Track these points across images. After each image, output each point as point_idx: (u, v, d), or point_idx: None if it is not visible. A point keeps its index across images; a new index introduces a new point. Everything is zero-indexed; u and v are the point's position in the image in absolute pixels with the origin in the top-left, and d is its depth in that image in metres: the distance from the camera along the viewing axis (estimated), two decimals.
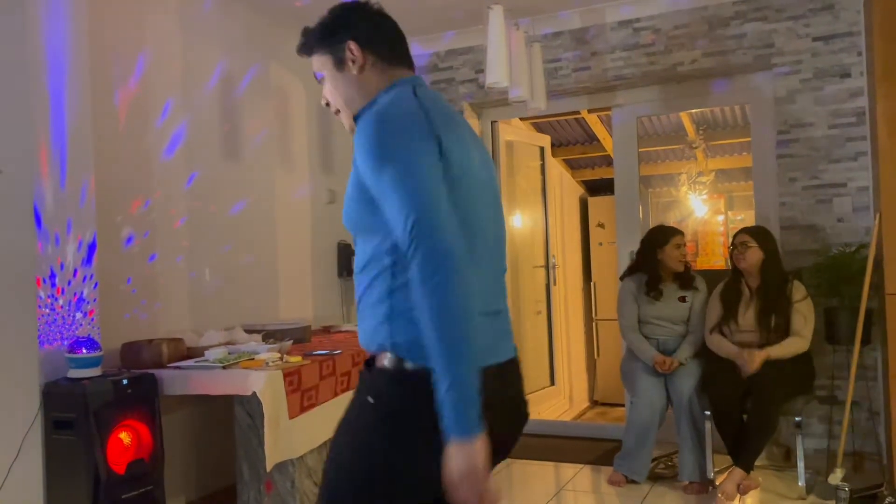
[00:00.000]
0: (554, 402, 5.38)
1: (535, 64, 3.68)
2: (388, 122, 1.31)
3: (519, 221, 5.09)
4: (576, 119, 5.98)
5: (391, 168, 1.26)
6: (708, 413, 3.37)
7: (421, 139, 1.29)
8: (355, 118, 1.47)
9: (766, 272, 3.46)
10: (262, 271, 3.95)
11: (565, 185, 6.41)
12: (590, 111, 5.50)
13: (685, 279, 3.69)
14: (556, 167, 6.12)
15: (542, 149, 5.39)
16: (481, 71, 4.20)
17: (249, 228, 3.86)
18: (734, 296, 3.50)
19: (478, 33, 4.19)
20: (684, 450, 3.41)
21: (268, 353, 2.87)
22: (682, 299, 3.66)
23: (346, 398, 3.08)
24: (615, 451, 3.68)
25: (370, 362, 1.40)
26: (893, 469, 3.09)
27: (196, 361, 2.87)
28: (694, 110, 5.46)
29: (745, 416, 3.29)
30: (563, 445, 4.37)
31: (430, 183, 1.25)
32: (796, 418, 3.32)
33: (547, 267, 5.34)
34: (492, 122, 4.75)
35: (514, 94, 3.37)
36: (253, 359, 2.82)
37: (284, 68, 4.19)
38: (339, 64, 1.47)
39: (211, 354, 2.86)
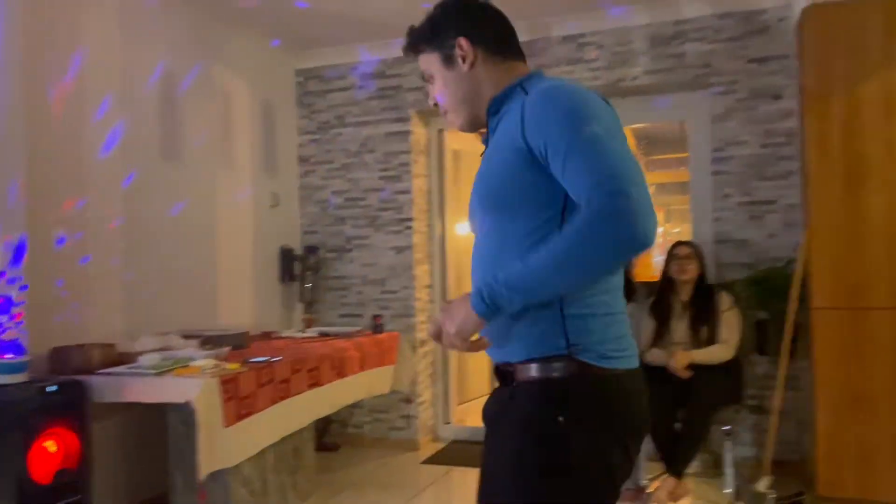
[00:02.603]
0: None
1: None
2: (580, 94, 1.27)
3: (464, 230, 5.12)
4: None
5: (595, 127, 1.20)
6: None
7: (605, 113, 1.27)
8: (489, 111, 1.42)
9: (699, 284, 3.57)
10: (201, 275, 3.87)
11: None
12: None
13: (626, 289, 3.76)
14: None
15: None
16: None
17: (189, 231, 3.78)
18: (665, 310, 3.60)
19: None
20: None
21: (204, 359, 2.82)
22: None
23: (284, 406, 3.05)
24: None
25: (516, 376, 1.31)
26: (817, 476, 3.22)
27: (128, 368, 2.79)
28: (635, 125, 5.59)
29: (677, 426, 3.38)
30: None
31: (625, 152, 1.21)
32: (726, 427, 3.43)
33: None
34: (438, 131, 4.77)
35: None
36: (188, 366, 2.76)
37: (229, 69, 4.13)
38: (448, 61, 1.43)
39: (144, 360, 2.79)
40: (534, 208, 1.29)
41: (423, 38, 1.47)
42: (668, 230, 6.95)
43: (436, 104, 1.50)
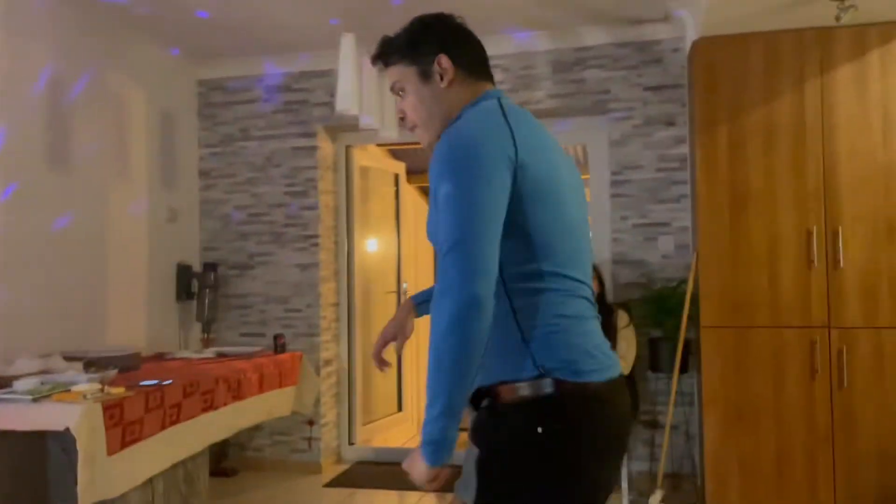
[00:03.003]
0: (401, 428, 5.38)
1: (388, 93, 3.71)
2: (463, 140, 1.29)
3: (372, 247, 5.08)
4: None
5: (451, 186, 1.25)
6: None
7: (492, 163, 1.27)
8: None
9: (598, 303, 3.66)
10: (88, 293, 3.67)
11: (419, 212, 6.50)
12: None
13: None
14: (411, 194, 6.18)
15: (396, 175, 5.43)
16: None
17: (76, 245, 3.58)
18: None
19: (333, 57, 4.17)
20: None
21: (87, 383, 2.66)
22: None
23: (175, 432, 2.92)
24: (459, 476, 3.72)
25: (486, 399, 1.33)
26: (706, 488, 3.35)
27: (2, 393, 2.60)
28: None
29: None
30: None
31: (485, 212, 1.24)
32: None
33: (398, 293, 5.36)
34: (346, 147, 4.73)
35: (365, 121, 3.38)
36: (69, 390, 2.60)
37: (125, 76, 3.96)
38: (425, 77, 1.44)
39: (20, 385, 2.60)
40: None
41: (400, 50, 1.46)
42: None
43: (402, 118, 1.50)
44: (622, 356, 3.56)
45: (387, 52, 1.48)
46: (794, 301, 3.30)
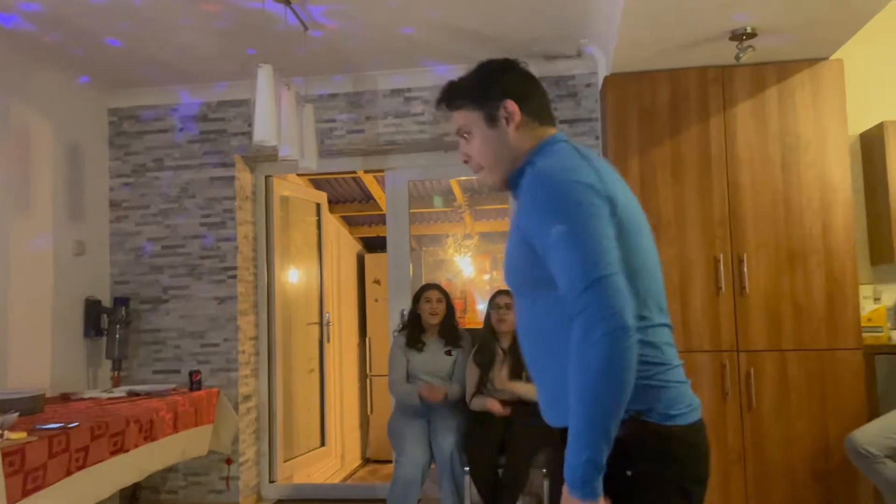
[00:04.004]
0: (324, 463, 5.26)
1: (307, 124, 3.69)
2: (560, 179, 1.31)
3: (294, 277, 5.00)
4: (353, 178, 6.08)
5: (566, 226, 1.26)
6: (467, 469, 3.49)
7: (597, 197, 1.29)
8: (516, 176, 1.46)
9: None
10: None
11: (342, 242, 6.45)
12: (365, 172, 5.62)
13: (451, 335, 3.84)
14: (333, 223, 6.14)
15: (318, 205, 5.38)
16: None
17: None
18: (488, 358, 3.71)
19: (251, 86, 4.13)
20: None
21: None
22: (448, 353, 3.81)
23: (82, 477, 2.76)
24: None
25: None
26: None
27: None
28: (461, 178, 5.81)
29: (499, 471, 3.45)
30: None
31: (610, 245, 1.26)
32: (545, 469, 3.55)
33: (321, 324, 5.28)
34: (266, 177, 4.66)
35: (284, 152, 3.34)
36: None
37: (28, 105, 3.79)
38: (492, 121, 1.47)
39: None
40: (550, 290, 1.32)
41: (466, 95, 1.50)
42: (495, 277, 7.22)
43: (465, 161, 1.54)
44: None
45: (452, 97, 1.53)
46: (705, 326, 3.43)
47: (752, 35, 3.15)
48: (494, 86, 1.49)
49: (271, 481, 4.51)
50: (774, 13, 2.99)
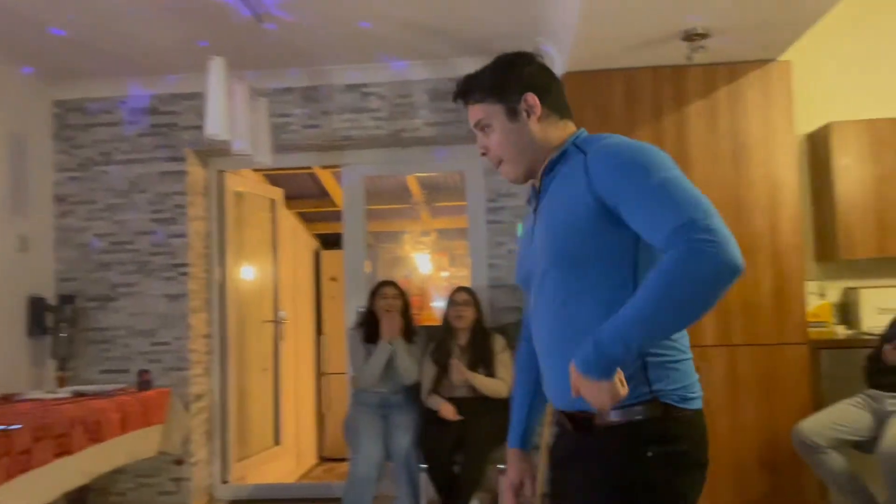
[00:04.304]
0: (279, 462, 5.20)
1: (261, 118, 3.63)
2: (643, 145, 1.36)
3: (248, 274, 4.91)
4: (309, 173, 6.00)
5: (663, 173, 1.29)
6: (424, 466, 3.48)
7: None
8: (548, 167, 1.47)
9: (475, 329, 3.72)
10: None
11: (299, 238, 6.37)
12: (321, 167, 5.55)
13: (407, 331, 3.82)
14: (289, 220, 6.05)
15: (273, 201, 5.30)
16: None
17: None
18: (445, 355, 3.70)
19: (203, 79, 4.04)
20: (402, 502, 3.49)
21: None
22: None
23: (23, 481, 2.66)
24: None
25: (595, 422, 1.36)
26: None
27: None
28: (419, 174, 5.79)
29: (455, 468, 3.45)
30: None
31: (696, 189, 1.27)
32: (500, 465, 3.57)
33: (276, 321, 5.20)
34: (219, 172, 4.57)
35: (237, 146, 3.28)
36: None
37: None
38: (513, 115, 1.48)
39: None
40: (607, 265, 1.35)
41: (485, 88, 1.50)
42: (454, 274, 7.23)
43: (483, 153, 1.53)
44: (500, 378, 3.62)
45: (470, 90, 1.52)
46: None
47: (704, 36, 3.21)
48: (514, 79, 1.50)
49: (224, 482, 4.43)
50: (725, 14, 3.05)
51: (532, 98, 1.48)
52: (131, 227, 4.28)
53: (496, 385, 3.59)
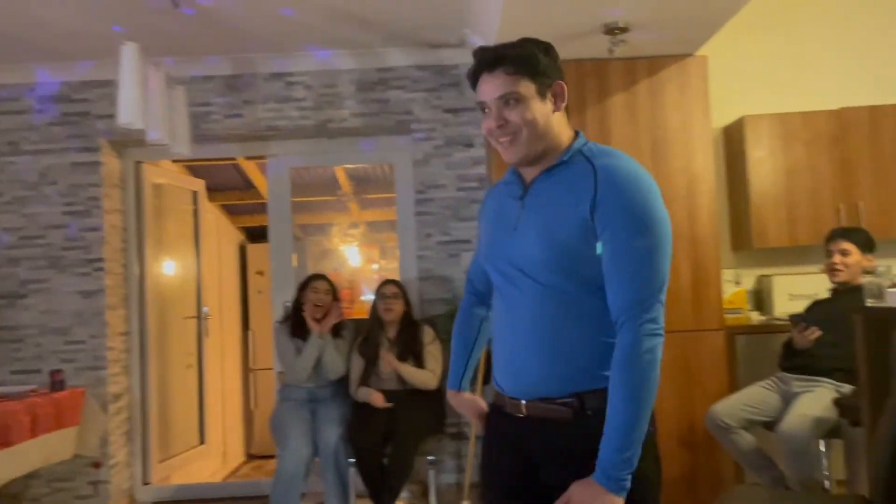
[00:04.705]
0: (204, 462, 5.07)
1: (178, 107, 3.50)
2: (652, 194, 1.45)
3: (169, 269, 4.75)
4: (233, 165, 5.85)
5: (653, 241, 1.41)
6: (352, 461, 3.46)
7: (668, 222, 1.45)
8: (552, 167, 1.51)
9: (404, 321, 3.71)
10: None
11: (223, 232, 6.20)
12: (245, 158, 5.42)
13: (335, 325, 3.78)
14: (212, 212, 5.89)
15: (195, 193, 5.14)
16: None
17: None
18: (373, 348, 3.68)
19: (116, 66, 3.87)
20: (330, 497, 3.45)
21: None
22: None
23: None
24: None
25: (586, 405, 1.46)
26: None
27: None
28: (347, 166, 5.72)
29: (385, 460, 3.44)
30: None
31: (667, 267, 1.42)
32: (431, 457, 3.57)
33: (199, 317, 5.06)
34: (136, 163, 4.40)
35: (152, 136, 3.15)
36: None
37: None
38: (542, 97, 1.49)
39: None
40: (596, 280, 1.44)
41: (523, 63, 1.47)
42: (385, 266, 7.18)
43: (500, 126, 1.49)
44: (429, 369, 3.62)
45: (503, 60, 1.47)
46: None
47: (625, 30, 3.28)
48: (552, 63, 1.52)
49: (146, 483, 4.28)
50: (644, 9, 3.12)
51: (563, 87, 1.52)
52: (42, 220, 4.07)
53: (425, 376, 3.60)
